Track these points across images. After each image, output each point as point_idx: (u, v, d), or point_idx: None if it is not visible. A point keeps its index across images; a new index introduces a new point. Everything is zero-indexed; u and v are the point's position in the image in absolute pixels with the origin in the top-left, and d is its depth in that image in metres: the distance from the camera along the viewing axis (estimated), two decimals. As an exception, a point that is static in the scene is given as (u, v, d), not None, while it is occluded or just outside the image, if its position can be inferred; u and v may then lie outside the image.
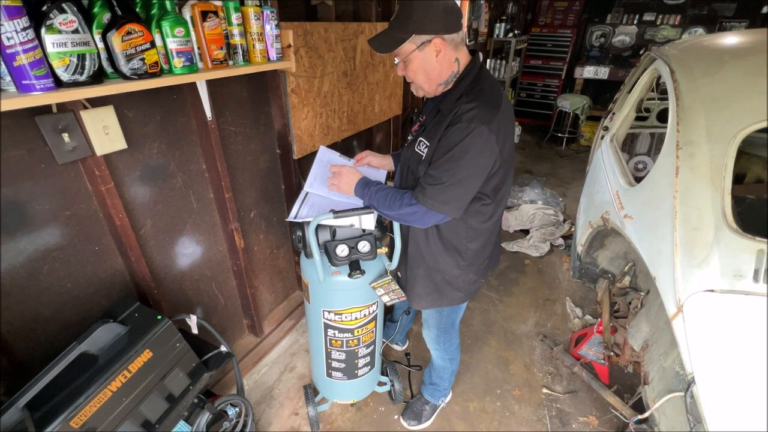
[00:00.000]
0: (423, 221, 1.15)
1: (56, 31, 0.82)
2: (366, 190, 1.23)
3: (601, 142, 2.22)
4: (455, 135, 1.02)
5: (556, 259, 2.95)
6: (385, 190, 1.20)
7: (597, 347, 1.98)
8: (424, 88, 1.14)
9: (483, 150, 1.03)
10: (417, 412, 1.74)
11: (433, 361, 1.68)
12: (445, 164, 1.04)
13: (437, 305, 1.39)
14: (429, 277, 1.32)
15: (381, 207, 1.20)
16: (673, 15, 5.10)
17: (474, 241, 1.25)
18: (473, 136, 1.00)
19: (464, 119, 1.01)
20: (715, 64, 1.43)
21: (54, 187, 1.07)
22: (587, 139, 5.17)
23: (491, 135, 1.02)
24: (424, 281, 1.33)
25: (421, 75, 1.10)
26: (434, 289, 1.34)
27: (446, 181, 1.05)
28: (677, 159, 1.29)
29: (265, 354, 1.96)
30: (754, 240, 1.10)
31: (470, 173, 1.05)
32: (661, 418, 1.40)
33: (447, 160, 1.04)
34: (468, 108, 1.02)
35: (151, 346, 1.01)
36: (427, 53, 1.05)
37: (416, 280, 1.35)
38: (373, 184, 1.24)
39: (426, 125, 1.16)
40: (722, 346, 1.14)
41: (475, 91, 1.07)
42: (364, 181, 1.26)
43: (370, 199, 1.22)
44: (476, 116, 1.01)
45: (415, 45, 1.04)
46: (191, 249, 1.55)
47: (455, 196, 1.08)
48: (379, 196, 1.19)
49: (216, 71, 1.19)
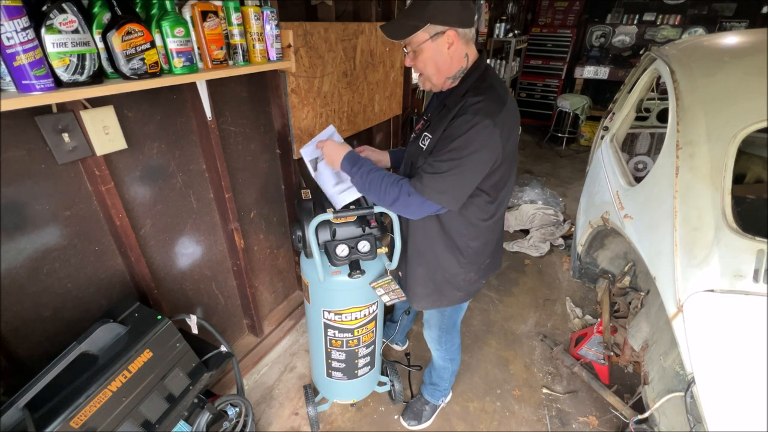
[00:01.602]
0: (417, 211, 1.11)
1: (56, 31, 0.82)
2: (356, 167, 1.16)
3: (601, 142, 2.22)
4: (459, 126, 1.02)
5: (556, 259, 2.95)
6: (378, 171, 1.14)
7: (597, 347, 1.98)
8: (432, 81, 1.13)
9: (486, 143, 1.02)
10: (417, 412, 1.74)
11: (433, 361, 1.68)
12: (446, 154, 1.03)
13: (438, 306, 1.39)
14: (429, 276, 1.31)
15: (372, 190, 1.13)
16: (673, 15, 5.10)
17: (475, 239, 1.24)
18: (477, 129, 1.00)
19: (469, 111, 1.01)
20: (715, 64, 1.43)
21: (54, 187, 1.07)
22: (587, 139, 5.17)
23: (495, 129, 1.01)
24: (425, 281, 1.33)
25: (431, 66, 1.09)
26: (435, 290, 1.33)
27: (446, 170, 1.03)
28: (677, 159, 1.29)
29: (265, 354, 1.96)
30: (754, 240, 1.10)
31: (471, 165, 1.04)
32: (661, 418, 1.40)
33: (448, 151, 1.03)
34: (474, 101, 1.02)
35: (151, 346, 1.01)
36: (439, 44, 1.05)
37: (416, 279, 1.34)
38: (364, 163, 1.17)
39: (431, 121, 1.16)
40: (722, 346, 1.14)
41: (482, 87, 1.07)
42: (353, 156, 1.19)
43: (361, 178, 1.15)
44: (482, 109, 1.01)
45: (429, 35, 1.04)
46: (191, 249, 1.55)
47: (453, 187, 1.06)
48: (372, 177, 1.13)
49: (216, 71, 1.19)
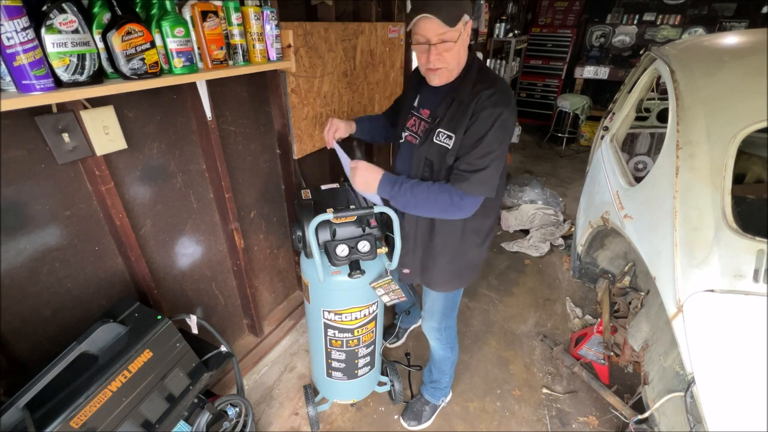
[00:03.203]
0: (470, 211, 1.15)
1: (56, 31, 0.82)
2: (396, 187, 1.15)
3: (601, 142, 2.22)
4: (486, 121, 1.06)
5: (556, 259, 2.95)
6: (419, 185, 1.14)
7: (597, 347, 1.98)
8: (453, 74, 1.13)
9: (509, 130, 1.09)
10: (417, 413, 1.74)
11: (433, 354, 1.68)
12: (481, 150, 1.07)
13: (457, 288, 1.44)
14: (452, 263, 1.34)
15: (420, 204, 1.14)
16: (673, 15, 5.10)
17: (488, 217, 1.29)
18: (502, 120, 1.06)
19: (489, 105, 1.06)
20: (715, 64, 1.43)
21: (54, 187, 1.07)
22: (587, 139, 5.17)
23: (512, 116, 1.08)
24: (448, 270, 1.35)
25: (456, 57, 1.09)
26: (456, 275, 1.37)
27: (486, 165, 1.08)
28: (677, 159, 1.29)
29: (265, 354, 1.96)
30: (754, 240, 1.10)
31: (502, 153, 1.10)
32: (661, 418, 1.40)
33: (483, 146, 1.07)
34: (490, 94, 1.07)
35: (151, 346, 1.01)
36: (466, 34, 1.07)
37: (441, 271, 1.36)
38: (401, 180, 1.16)
39: (439, 116, 1.15)
40: (722, 346, 1.14)
41: (489, 78, 1.11)
42: (389, 177, 1.18)
43: (404, 196, 1.14)
44: (500, 101, 1.06)
45: (463, 24, 1.05)
46: (191, 249, 1.55)
47: (492, 177, 1.11)
48: (417, 192, 1.13)
49: (216, 71, 1.19)
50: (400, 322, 2.16)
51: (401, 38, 2.41)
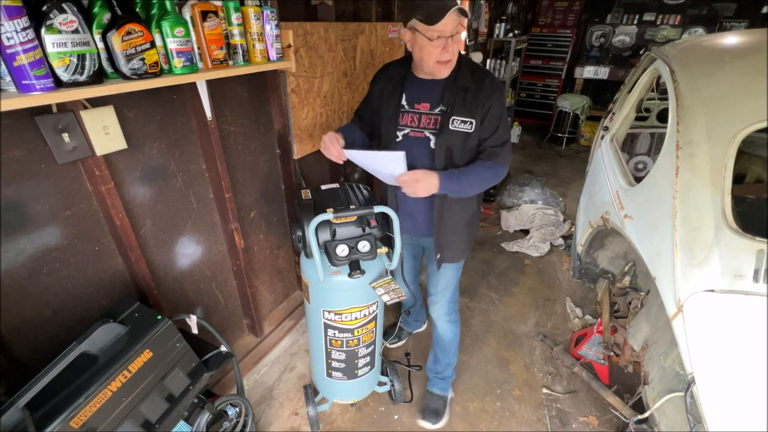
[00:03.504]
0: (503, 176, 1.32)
1: (56, 31, 0.82)
2: (453, 181, 1.24)
3: (601, 142, 2.22)
4: (498, 103, 1.23)
5: (556, 259, 2.95)
6: (469, 171, 1.26)
7: (597, 347, 1.98)
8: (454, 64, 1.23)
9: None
10: (435, 410, 1.74)
11: (442, 339, 1.69)
12: (502, 124, 1.25)
13: (466, 254, 1.55)
14: (461, 232, 1.45)
15: (476, 185, 1.29)
16: (673, 15, 5.10)
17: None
18: (501, 92, 1.25)
19: (496, 89, 1.23)
20: (715, 64, 1.43)
21: (54, 187, 1.07)
22: (587, 139, 5.16)
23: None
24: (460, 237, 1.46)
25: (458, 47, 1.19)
26: (468, 244, 1.51)
27: (508, 137, 1.29)
28: (677, 159, 1.29)
29: (265, 354, 1.96)
30: (754, 240, 1.10)
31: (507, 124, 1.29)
32: (661, 418, 1.40)
33: (502, 122, 1.25)
34: (490, 79, 1.25)
35: (151, 346, 1.02)
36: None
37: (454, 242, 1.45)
38: (456, 174, 1.25)
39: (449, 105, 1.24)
40: (722, 346, 1.14)
41: (476, 66, 1.28)
42: (444, 175, 1.24)
43: (460, 185, 1.25)
44: (496, 83, 1.25)
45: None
46: (191, 249, 1.55)
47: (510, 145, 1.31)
48: (473, 180, 1.27)
49: (216, 71, 1.19)
50: (401, 322, 2.16)
51: (401, 38, 2.41)
